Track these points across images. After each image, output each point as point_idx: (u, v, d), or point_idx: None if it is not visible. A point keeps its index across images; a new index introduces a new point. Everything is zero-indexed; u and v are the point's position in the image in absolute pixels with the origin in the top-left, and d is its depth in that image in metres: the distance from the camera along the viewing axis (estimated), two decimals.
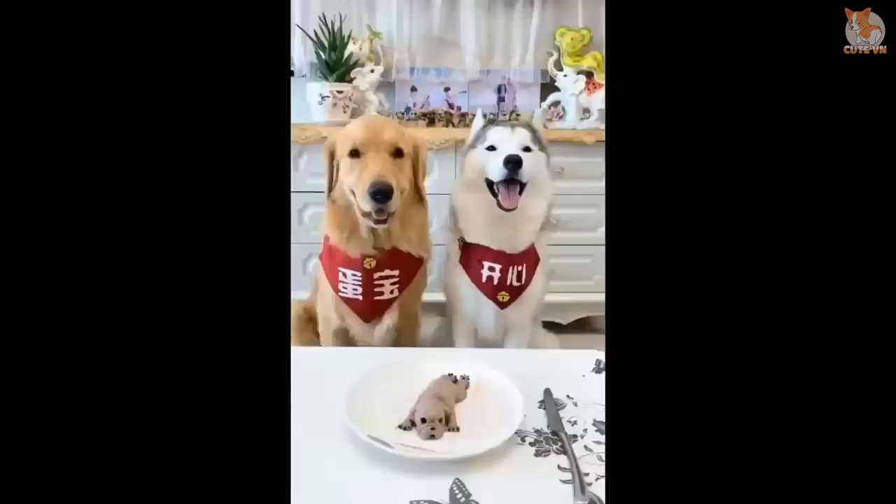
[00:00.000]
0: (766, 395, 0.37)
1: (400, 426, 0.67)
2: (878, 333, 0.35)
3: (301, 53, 2.05)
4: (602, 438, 0.66)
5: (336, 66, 1.89)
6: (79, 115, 0.37)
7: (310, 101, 1.90)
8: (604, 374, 0.81)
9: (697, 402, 0.38)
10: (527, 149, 1.10)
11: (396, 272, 1.06)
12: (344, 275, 1.05)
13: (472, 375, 0.77)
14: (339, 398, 0.68)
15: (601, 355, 0.87)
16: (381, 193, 0.93)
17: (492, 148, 1.10)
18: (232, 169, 0.41)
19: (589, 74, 2.07)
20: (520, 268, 1.12)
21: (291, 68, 2.03)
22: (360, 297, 1.06)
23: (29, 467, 0.35)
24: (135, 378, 0.39)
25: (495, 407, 0.72)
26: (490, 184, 1.09)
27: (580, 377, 0.82)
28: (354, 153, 0.99)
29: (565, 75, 2.06)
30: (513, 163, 1.02)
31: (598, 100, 1.98)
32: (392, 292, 1.07)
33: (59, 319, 0.37)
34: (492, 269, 1.11)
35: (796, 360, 0.36)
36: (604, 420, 0.70)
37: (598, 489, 0.57)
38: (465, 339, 1.22)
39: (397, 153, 1.01)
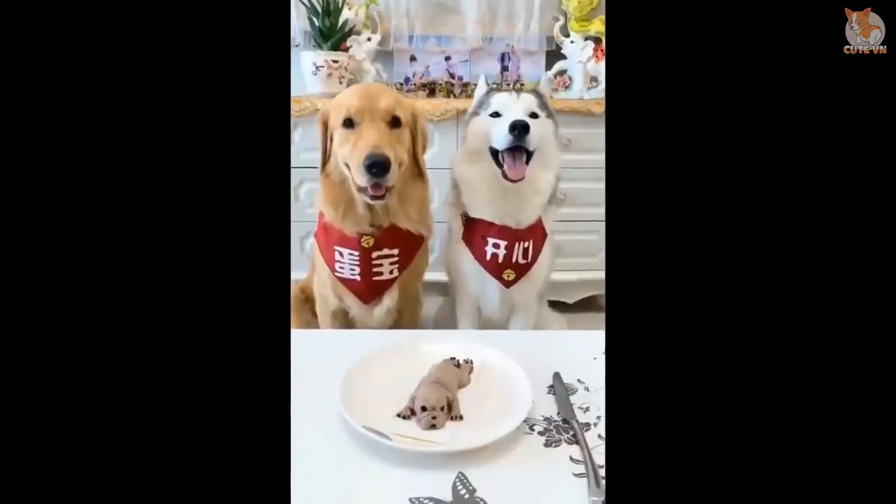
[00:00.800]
0: (770, 383, 0.36)
1: (398, 415, 0.62)
2: (878, 326, 0.35)
3: (294, 20, 1.95)
4: None
5: (330, 33, 1.80)
6: (74, 91, 0.36)
7: (303, 71, 1.81)
8: None
9: (704, 387, 0.37)
10: (533, 115, 1.02)
11: (396, 251, 1.00)
12: (340, 254, 1.00)
13: (475, 359, 0.73)
14: (333, 385, 0.64)
15: None
16: (377, 166, 0.86)
17: (496, 114, 1.03)
18: (229, 144, 0.39)
19: (597, 40, 1.96)
20: (526, 244, 1.06)
21: None
22: (358, 278, 1.01)
23: (18, 449, 0.35)
24: (128, 363, 0.37)
25: (501, 393, 0.67)
26: (494, 153, 1.02)
27: (591, 360, 0.77)
28: (348, 123, 0.93)
29: (572, 41, 1.96)
30: (519, 128, 0.95)
31: None
32: (391, 272, 1.02)
33: (55, 304, 0.36)
34: (496, 245, 1.05)
35: (800, 343, 0.36)
36: None
37: None
38: (468, 319, 1.17)
39: (394, 122, 0.94)
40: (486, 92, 1.10)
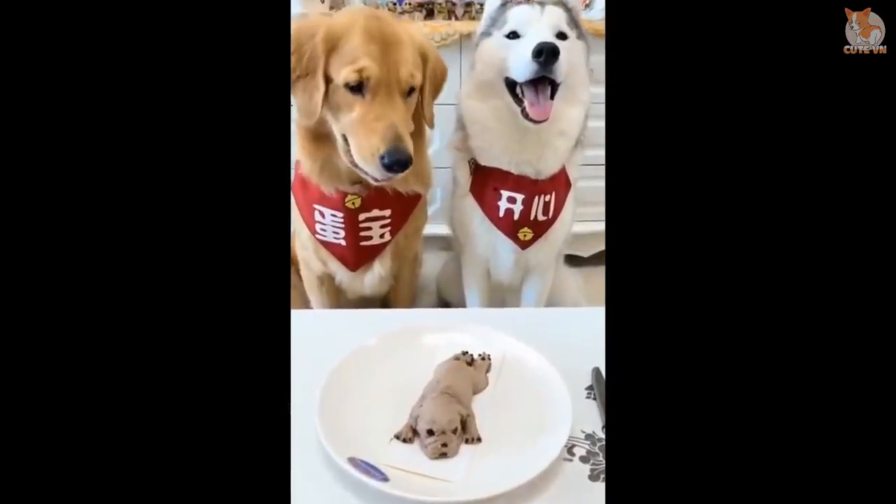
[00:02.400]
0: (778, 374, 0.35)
1: (396, 436, 0.48)
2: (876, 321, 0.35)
3: None
4: None
5: None
6: (74, 64, 0.33)
7: None
8: None
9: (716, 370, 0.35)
10: (561, 35, 0.81)
11: (387, 212, 0.82)
12: (321, 214, 0.82)
13: (493, 352, 0.58)
14: (310, 392, 0.49)
15: None
16: (399, 165, 0.67)
17: (514, 35, 0.81)
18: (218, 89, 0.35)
19: None
20: (547, 197, 0.88)
21: None
22: (343, 242, 0.84)
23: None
24: (117, 352, 0.34)
25: (529, 400, 0.53)
26: (512, 85, 0.82)
27: None
28: (356, 87, 0.70)
29: None
30: (546, 53, 0.74)
31: None
32: (382, 236, 0.84)
33: (41, 279, 0.33)
34: (512, 199, 0.87)
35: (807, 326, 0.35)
36: None
37: None
38: (476, 283, 1.02)
39: (408, 92, 0.74)
40: (501, 5, 0.87)
